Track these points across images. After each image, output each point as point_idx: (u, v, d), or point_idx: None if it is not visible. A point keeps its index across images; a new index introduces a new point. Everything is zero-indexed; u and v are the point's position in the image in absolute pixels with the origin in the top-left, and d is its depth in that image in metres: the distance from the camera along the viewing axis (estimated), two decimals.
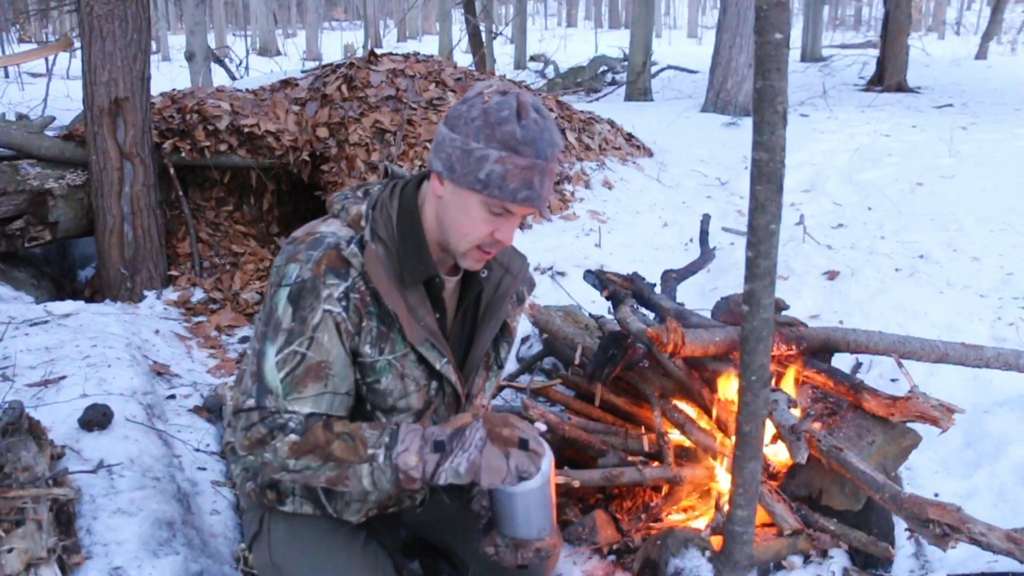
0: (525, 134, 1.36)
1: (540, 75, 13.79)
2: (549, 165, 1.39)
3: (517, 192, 1.36)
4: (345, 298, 1.41)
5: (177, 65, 14.56)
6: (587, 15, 46.90)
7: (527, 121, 1.37)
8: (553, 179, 1.42)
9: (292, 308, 1.40)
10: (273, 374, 1.40)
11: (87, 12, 3.62)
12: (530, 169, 1.36)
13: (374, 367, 1.47)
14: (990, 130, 8.10)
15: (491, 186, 1.36)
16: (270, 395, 1.40)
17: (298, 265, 1.42)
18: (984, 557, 2.11)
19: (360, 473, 1.40)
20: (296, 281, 1.40)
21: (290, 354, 1.40)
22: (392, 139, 4.66)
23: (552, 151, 1.40)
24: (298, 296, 1.40)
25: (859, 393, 2.22)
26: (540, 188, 1.38)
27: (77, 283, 4.28)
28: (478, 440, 1.42)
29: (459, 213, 1.41)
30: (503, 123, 1.36)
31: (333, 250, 1.43)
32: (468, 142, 1.37)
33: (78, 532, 1.78)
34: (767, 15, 1.48)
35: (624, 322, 2.41)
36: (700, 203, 5.51)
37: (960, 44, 22.20)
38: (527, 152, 1.36)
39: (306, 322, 1.39)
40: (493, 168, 1.35)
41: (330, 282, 1.40)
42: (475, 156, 1.36)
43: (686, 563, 1.92)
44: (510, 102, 1.38)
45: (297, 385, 1.40)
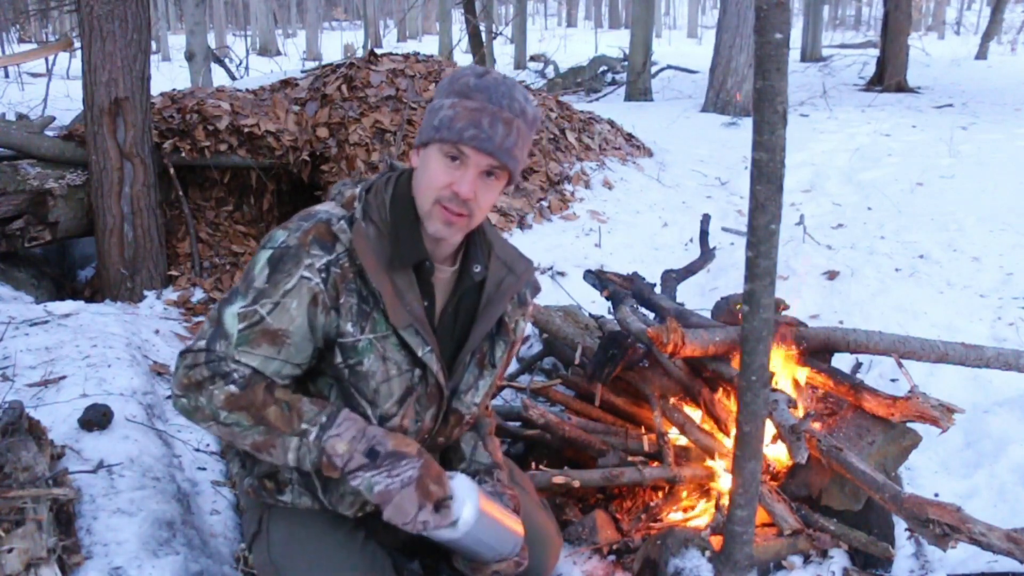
0: (478, 82, 1.41)
1: (540, 75, 13.79)
2: (502, 112, 1.40)
3: (464, 131, 1.38)
4: (326, 270, 1.42)
5: (177, 65, 14.56)
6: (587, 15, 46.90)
7: (486, 77, 1.42)
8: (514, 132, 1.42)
9: (269, 270, 1.42)
10: (232, 321, 1.41)
11: (87, 12, 3.62)
12: (479, 111, 1.38)
13: (356, 347, 1.46)
14: (990, 130, 8.10)
15: (441, 129, 1.39)
16: (223, 340, 1.41)
17: (286, 232, 1.45)
18: (984, 557, 2.11)
19: (288, 445, 1.41)
20: (280, 245, 1.43)
21: (251, 311, 1.41)
22: (392, 139, 4.66)
23: (509, 103, 1.40)
24: (279, 260, 1.42)
25: (859, 393, 2.22)
26: (490, 129, 1.38)
27: (77, 283, 4.28)
28: (406, 477, 1.41)
29: (423, 171, 1.45)
30: (461, 77, 1.43)
31: (323, 223, 1.45)
32: (432, 103, 1.45)
33: (78, 532, 1.78)
34: (767, 15, 1.48)
35: (624, 322, 2.42)
36: (700, 203, 5.52)
37: (960, 44, 22.21)
38: (478, 97, 1.39)
39: (278, 286, 1.41)
40: (445, 113, 1.40)
41: (314, 252, 1.42)
42: (433, 109, 1.43)
43: (686, 563, 1.93)
44: (476, 68, 1.45)
45: (251, 342, 1.41)
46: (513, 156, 1.43)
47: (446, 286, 1.57)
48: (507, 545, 1.54)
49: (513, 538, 1.55)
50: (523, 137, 1.44)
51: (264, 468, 1.60)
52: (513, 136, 1.41)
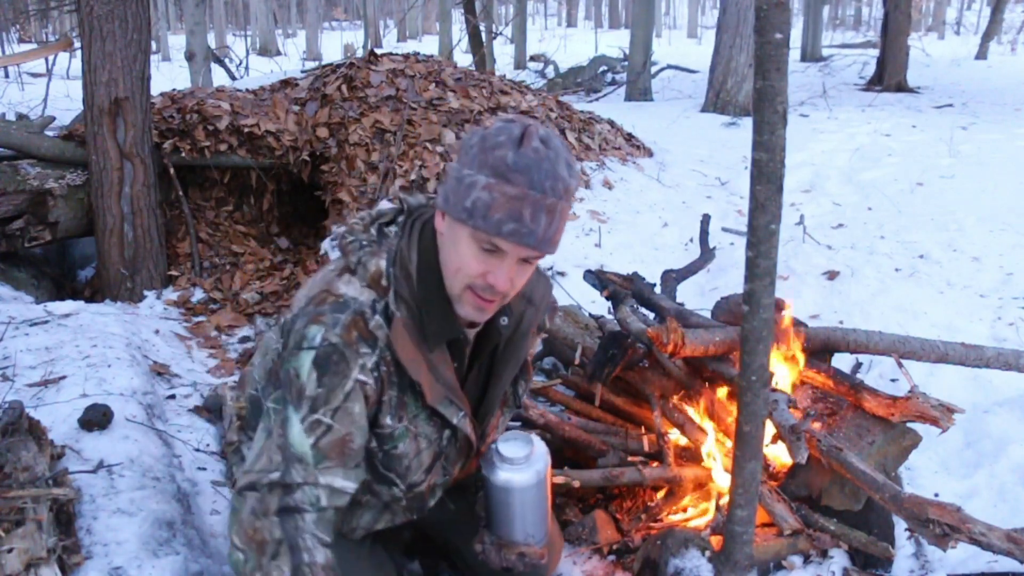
0: (518, 160, 1.22)
1: (540, 75, 13.78)
2: (547, 199, 1.23)
3: (502, 224, 1.22)
4: (376, 369, 1.32)
5: (177, 65, 14.56)
6: (587, 15, 46.90)
7: (525, 149, 1.23)
8: (558, 218, 1.26)
9: (318, 373, 1.28)
10: (301, 439, 1.28)
11: (87, 12, 3.62)
12: (520, 200, 1.21)
13: (392, 435, 1.40)
14: (990, 130, 8.10)
15: (476, 215, 1.23)
16: (298, 464, 1.28)
17: (322, 328, 1.29)
18: (984, 557, 2.11)
19: None
20: (322, 345, 1.28)
21: (315, 422, 1.28)
22: (392, 139, 4.66)
23: (553, 184, 1.23)
24: (326, 361, 1.28)
25: (859, 393, 2.22)
26: (532, 223, 1.23)
27: (77, 283, 4.28)
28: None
29: (451, 248, 1.30)
30: (497, 148, 1.23)
31: (360, 318, 1.32)
32: (462, 170, 1.26)
33: (78, 532, 1.78)
34: (767, 15, 1.48)
35: (624, 322, 2.42)
36: (700, 203, 5.51)
37: (960, 44, 22.20)
38: (518, 180, 1.21)
39: (335, 391, 1.28)
40: (479, 195, 1.22)
41: (363, 351, 1.30)
42: (465, 183, 1.24)
43: (686, 563, 1.92)
44: (511, 128, 1.26)
45: (327, 456, 1.29)
46: (554, 243, 1.29)
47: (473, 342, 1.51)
48: (541, 529, 1.54)
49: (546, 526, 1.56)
50: (565, 216, 1.30)
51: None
52: (556, 222, 1.27)
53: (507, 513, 1.52)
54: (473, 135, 1.29)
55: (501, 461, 1.52)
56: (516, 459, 1.51)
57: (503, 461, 1.52)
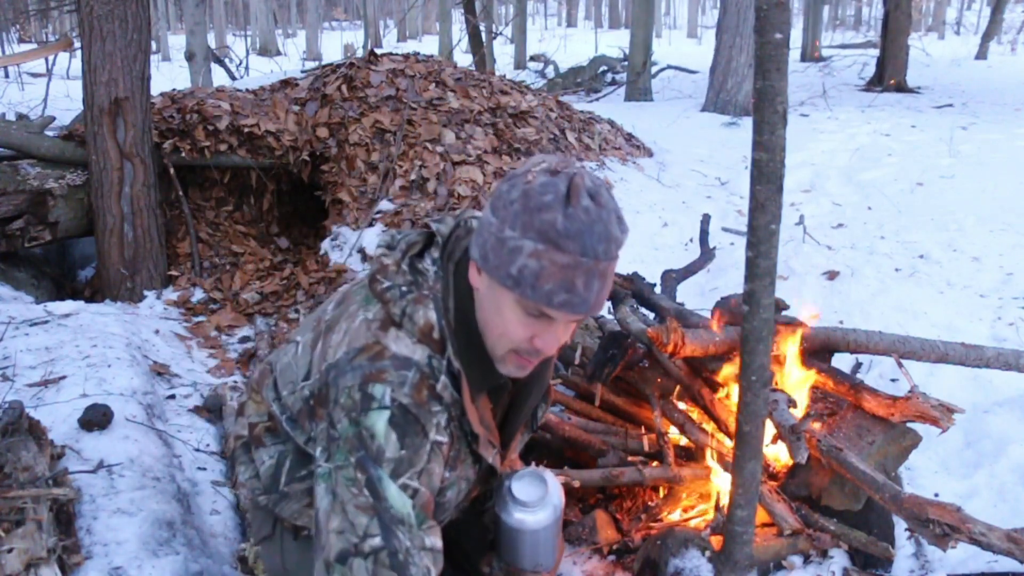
0: (569, 225, 1.11)
1: (540, 75, 13.78)
2: (599, 265, 1.14)
3: (553, 295, 1.13)
4: (448, 426, 1.28)
5: (177, 65, 14.56)
6: (587, 15, 46.90)
7: (574, 209, 1.12)
8: (609, 280, 1.18)
9: (396, 435, 1.20)
10: (403, 501, 1.19)
11: (87, 12, 3.62)
12: (572, 268, 1.12)
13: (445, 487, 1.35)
14: (990, 130, 8.10)
15: (523, 284, 1.14)
16: (401, 526, 1.19)
17: (388, 387, 1.22)
18: (984, 557, 2.11)
19: None
20: (394, 405, 1.21)
21: (407, 484, 1.21)
22: (392, 139, 4.66)
23: (606, 248, 1.14)
24: (403, 422, 1.21)
25: (859, 393, 2.22)
26: (585, 291, 1.14)
27: (77, 283, 4.29)
28: None
29: (494, 311, 1.21)
30: (544, 209, 1.12)
31: (426, 378, 1.25)
32: (503, 229, 1.14)
33: (78, 532, 1.78)
34: (767, 15, 1.48)
35: (624, 322, 2.41)
36: (700, 203, 5.51)
37: (960, 44, 22.20)
38: (569, 247, 1.11)
39: (418, 452, 1.22)
40: (527, 263, 1.12)
41: (435, 409, 1.24)
42: (508, 247, 1.14)
43: (686, 563, 1.93)
44: (557, 184, 1.14)
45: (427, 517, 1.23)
46: (603, 305, 1.20)
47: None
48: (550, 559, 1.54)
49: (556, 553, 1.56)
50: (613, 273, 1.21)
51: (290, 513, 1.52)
52: (607, 285, 1.18)
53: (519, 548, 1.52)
54: (512, 187, 1.17)
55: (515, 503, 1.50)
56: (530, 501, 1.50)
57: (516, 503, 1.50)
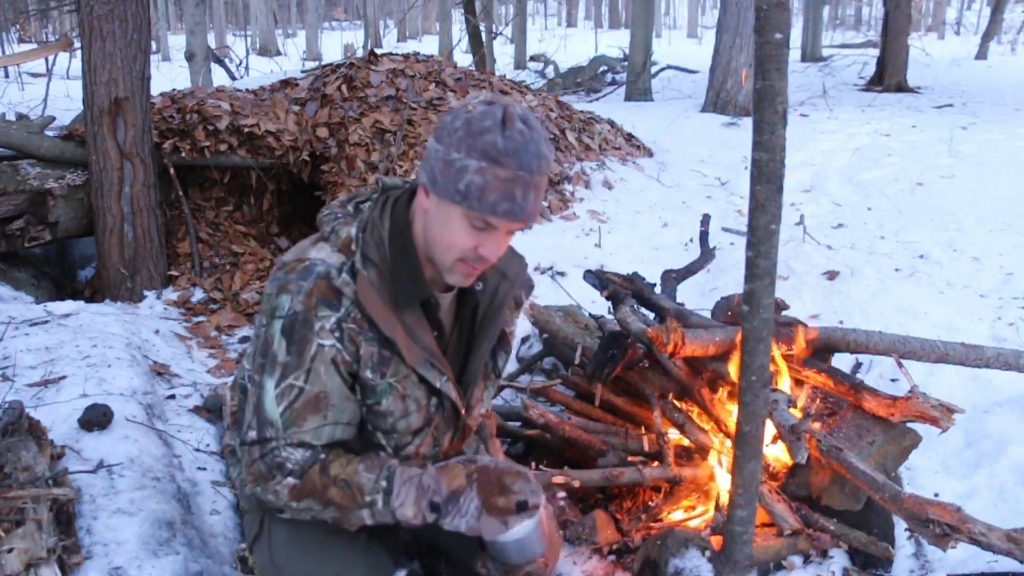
0: (507, 144, 1.31)
1: (540, 75, 13.78)
2: (534, 178, 1.34)
3: (497, 205, 1.32)
4: (338, 329, 1.41)
5: (177, 65, 14.56)
6: (587, 15, 46.89)
7: (511, 131, 1.32)
8: (541, 192, 1.37)
9: (287, 341, 1.40)
10: (273, 407, 1.41)
11: (87, 12, 3.62)
12: (512, 181, 1.31)
13: (375, 389, 1.47)
14: (990, 130, 8.10)
15: (470, 198, 1.32)
16: (270, 427, 1.42)
17: (289, 296, 1.41)
18: (984, 557, 2.11)
19: (362, 516, 1.44)
20: (289, 314, 1.40)
21: (287, 387, 1.40)
22: (392, 139, 4.66)
23: (538, 163, 1.34)
24: (291, 329, 1.40)
25: (859, 393, 2.22)
26: (523, 201, 1.33)
27: (77, 283, 4.28)
28: (474, 510, 1.43)
29: (442, 226, 1.39)
30: (485, 132, 1.31)
31: (324, 280, 1.41)
32: (450, 152, 1.33)
33: (78, 532, 1.78)
34: (767, 15, 1.48)
35: (624, 322, 2.42)
36: (700, 203, 5.51)
37: (960, 44, 22.19)
38: (508, 163, 1.31)
39: (303, 355, 1.40)
40: (472, 179, 1.31)
41: (322, 314, 1.40)
42: (455, 167, 1.32)
43: (686, 563, 1.92)
44: (495, 112, 1.34)
45: (297, 419, 1.41)
46: (536, 215, 1.39)
47: (449, 310, 1.58)
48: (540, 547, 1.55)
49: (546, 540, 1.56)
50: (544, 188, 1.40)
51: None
52: (540, 197, 1.38)
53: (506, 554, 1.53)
54: (455, 118, 1.36)
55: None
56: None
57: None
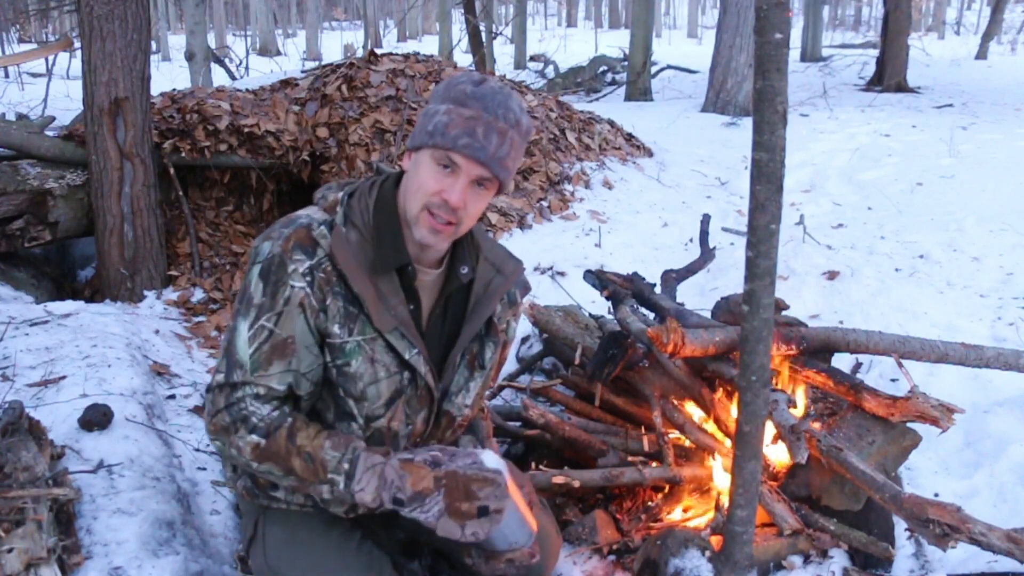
0: (475, 91, 1.41)
1: (540, 75, 13.77)
2: (497, 122, 1.40)
3: (458, 139, 1.38)
4: (310, 274, 1.44)
5: (177, 65, 14.56)
6: (587, 15, 46.87)
7: (483, 86, 1.42)
8: (506, 141, 1.41)
9: (263, 284, 1.43)
10: (244, 349, 1.43)
11: (87, 12, 3.62)
12: (474, 119, 1.39)
13: (343, 348, 1.48)
14: (990, 130, 8.09)
15: (435, 135, 1.39)
16: (239, 369, 1.43)
17: (270, 242, 1.46)
18: (984, 557, 2.11)
19: (320, 491, 1.46)
20: (267, 257, 1.44)
21: (259, 329, 1.43)
22: (392, 139, 4.66)
23: (505, 113, 1.41)
24: (267, 271, 1.43)
25: (859, 393, 2.22)
26: (484, 140, 1.39)
27: (77, 283, 4.28)
28: (436, 512, 1.43)
29: (413, 176, 1.45)
30: (458, 84, 1.43)
31: (304, 228, 1.47)
32: (428, 107, 1.45)
33: (78, 532, 1.78)
34: (767, 15, 1.48)
35: (624, 322, 2.42)
36: (700, 203, 5.51)
37: (960, 44, 22.19)
38: (473, 105, 1.39)
39: (276, 296, 1.43)
40: (439, 119, 1.40)
41: (296, 257, 1.44)
42: (428, 114, 1.43)
43: (686, 563, 1.92)
44: (473, 74, 1.46)
45: (264, 362, 1.43)
46: (505, 167, 1.43)
47: (432, 289, 1.58)
48: (522, 535, 1.54)
49: (528, 529, 1.56)
50: (516, 148, 1.45)
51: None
52: (506, 147, 1.42)
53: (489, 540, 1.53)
54: (439, 85, 1.47)
55: None
56: None
57: None
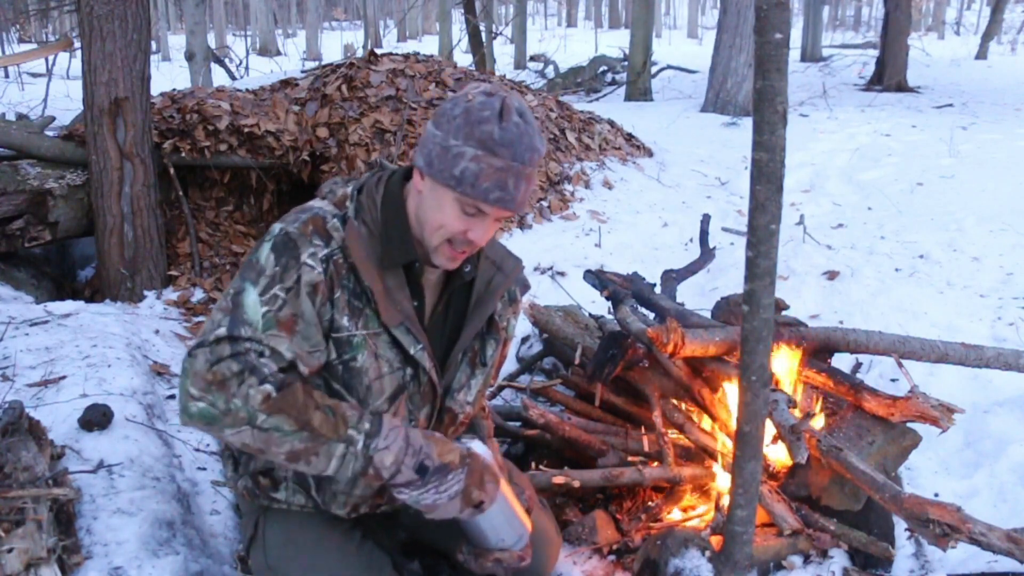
0: (503, 135, 1.37)
1: (540, 75, 13.77)
2: (526, 169, 1.40)
3: (489, 192, 1.37)
4: (326, 261, 1.43)
5: (177, 65, 14.55)
6: (587, 15, 46.84)
7: (507, 123, 1.38)
8: (532, 184, 1.43)
9: (275, 256, 1.40)
10: (255, 308, 1.35)
11: (87, 12, 3.62)
12: (504, 171, 1.37)
13: (351, 342, 1.46)
14: (990, 130, 8.09)
15: (464, 183, 1.37)
16: (246, 326, 1.34)
17: (284, 224, 1.45)
18: (984, 557, 2.11)
19: (333, 452, 1.34)
20: (280, 235, 1.42)
21: (272, 296, 1.37)
22: (392, 139, 4.66)
23: (531, 155, 1.40)
24: (283, 247, 1.41)
25: (859, 393, 2.22)
26: (514, 191, 1.39)
27: (77, 283, 4.28)
28: (453, 492, 1.42)
29: (435, 208, 1.43)
30: (483, 123, 1.37)
31: (319, 218, 1.46)
32: (447, 139, 1.39)
33: (78, 532, 1.78)
34: (767, 15, 1.48)
35: (624, 322, 2.42)
36: (700, 203, 5.51)
37: (960, 44, 22.19)
38: (503, 153, 1.37)
39: (289, 271, 1.39)
40: (468, 166, 1.37)
41: (315, 242, 1.43)
42: (452, 153, 1.38)
43: (686, 563, 1.92)
44: (493, 103, 1.39)
45: (276, 324, 1.36)
46: (525, 204, 1.45)
47: (435, 286, 1.59)
48: (513, 534, 1.55)
49: (520, 528, 1.56)
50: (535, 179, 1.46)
51: (258, 464, 1.59)
52: (530, 187, 1.43)
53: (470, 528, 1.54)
54: (455, 106, 1.41)
55: None
56: None
57: None
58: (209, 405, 1.29)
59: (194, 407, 1.30)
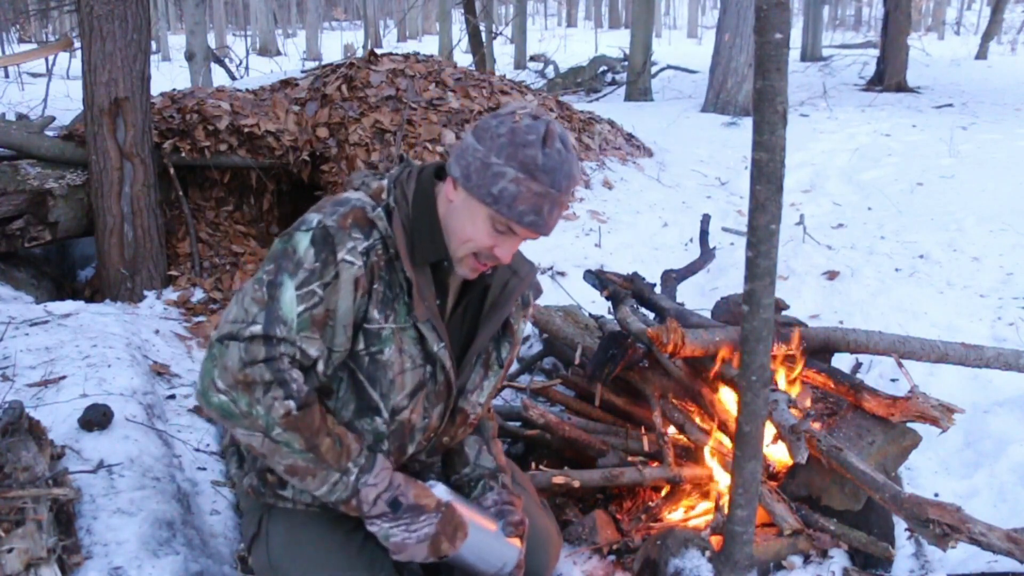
0: (546, 161, 1.39)
1: (540, 75, 13.77)
2: (562, 196, 1.42)
3: (525, 215, 1.40)
4: (366, 255, 1.42)
5: (177, 65, 14.55)
6: (587, 15, 46.84)
7: (550, 150, 1.40)
8: (563, 211, 1.46)
9: (314, 249, 1.38)
10: (291, 306, 1.36)
11: (87, 12, 3.62)
12: (542, 196, 1.39)
13: (380, 335, 1.47)
14: (990, 130, 8.09)
15: (501, 203, 1.39)
16: (282, 325, 1.36)
17: (321, 215, 1.43)
18: (984, 557, 2.11)
19: (328, 479, 1.42)
20: (318, 227, 1.40)
21: (309, 292, 1.37)
22: (392, 139, 4.66)
23: (568, 184, 1.42)
24: (322, 240, 1.39)
25: (859, 393, 2.22)
26: (548, 216, 1.42)
27: (77, 283, 4.28)
28: (422, 534, 1.46)
29: (465, 220, 1.44)
30: (527, 146, 1.39)
31: (360, 209, 1.45)
32: (489, 156, 1.40)
33: (78, 532, 1.78)
34: (767, 15, 1.48)
35: (624, 322, 2.42)
36: (700, 203, 5.52)
37: (960, 44, 22.18)
38: (543, 179, 1.39)
39: (328, 266, 1.38)
40: (507, 186, 1.39)
41: (355, 235, 1.41)
42: (492, 170, 1.39)
43: (686, 563, 1.93)
44: (538, 127, 1.41)
45: (309, 325, 1.38)
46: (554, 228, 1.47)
47: (455, 287, 1.61)
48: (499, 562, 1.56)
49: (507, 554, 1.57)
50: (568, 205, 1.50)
51: (265, 462, 1.59)
52: (563, 212, 1.46)
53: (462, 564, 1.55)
54: (500, 123, 1.42)
55: None
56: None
57: None
58: (231, 402, 1.34)
59: (216, 398, 1.35)
